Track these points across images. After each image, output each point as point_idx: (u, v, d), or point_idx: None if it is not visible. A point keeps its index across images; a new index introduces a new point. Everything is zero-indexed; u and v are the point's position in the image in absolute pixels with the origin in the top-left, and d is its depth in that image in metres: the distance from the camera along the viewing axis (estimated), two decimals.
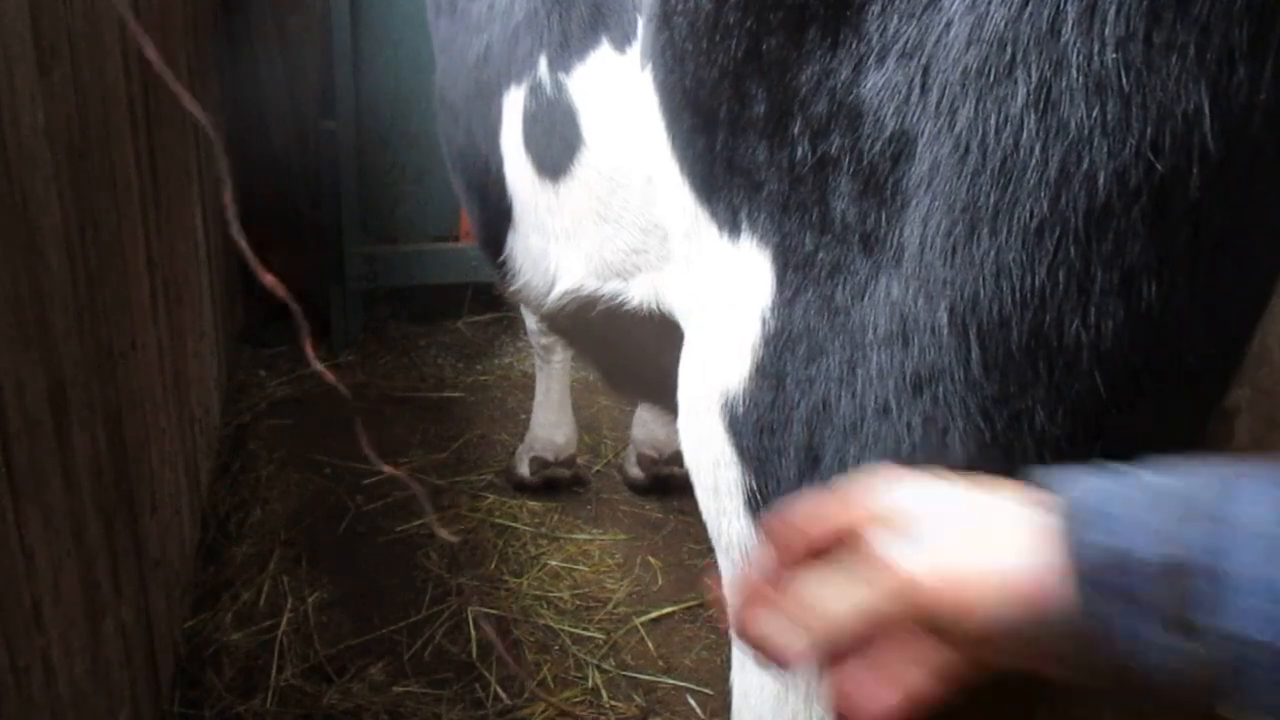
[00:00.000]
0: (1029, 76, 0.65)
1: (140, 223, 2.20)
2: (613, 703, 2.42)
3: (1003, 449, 0.71)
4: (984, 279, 0.69)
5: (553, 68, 1.48)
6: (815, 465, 0.87)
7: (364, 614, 2.63)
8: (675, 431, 1.17)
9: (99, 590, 1.75)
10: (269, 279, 1.28)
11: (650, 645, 2.62)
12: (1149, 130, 0.61)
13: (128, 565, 1.94)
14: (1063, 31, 0.63)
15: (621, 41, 1.34)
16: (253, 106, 4.11)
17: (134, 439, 2.02)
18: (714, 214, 0.98)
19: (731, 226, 0.95)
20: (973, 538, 0.65)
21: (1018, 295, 0.67)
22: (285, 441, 3.34)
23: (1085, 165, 0.64)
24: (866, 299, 0.79)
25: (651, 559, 2.94)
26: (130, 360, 2.02)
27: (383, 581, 2.77)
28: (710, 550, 1.10)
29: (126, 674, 1.90)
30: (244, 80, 4.08)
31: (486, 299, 4.22)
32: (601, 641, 2.61)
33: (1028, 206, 0.66)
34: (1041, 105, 0.64)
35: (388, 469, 1.55)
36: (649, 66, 1.06)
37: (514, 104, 1.61)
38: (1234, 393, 0.76)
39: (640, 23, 1.16)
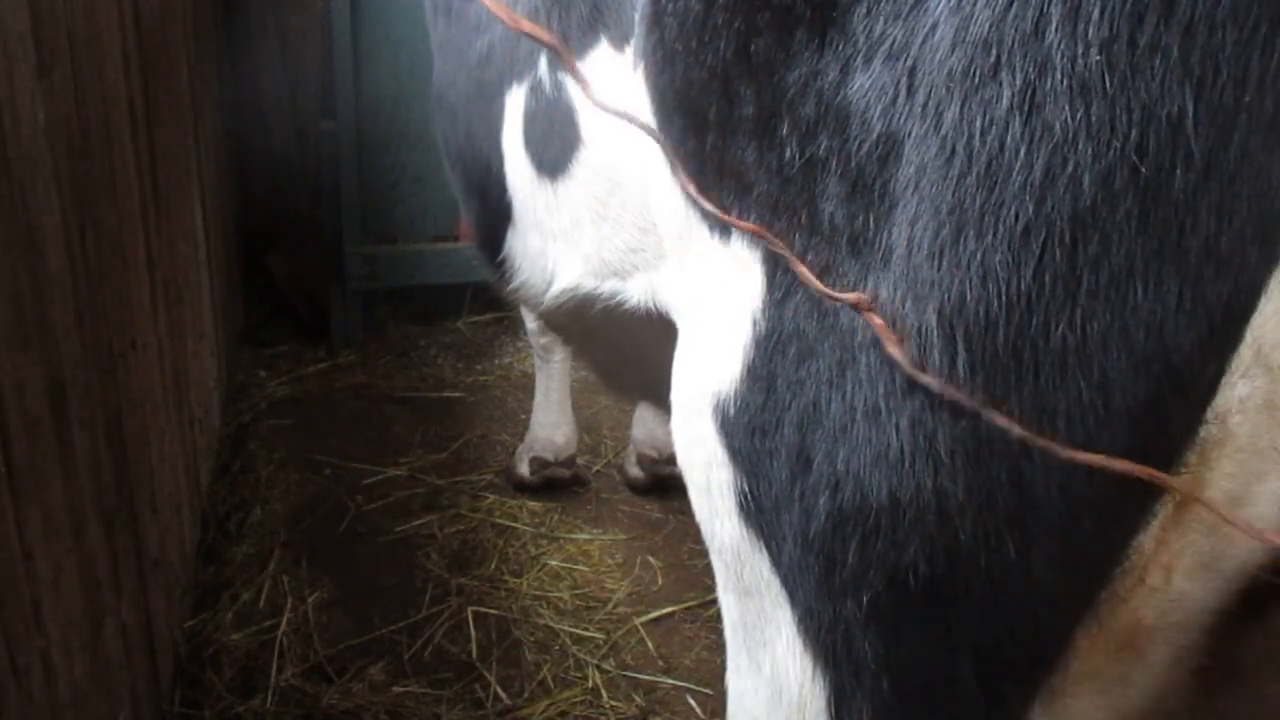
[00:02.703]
0: (1014, 79, 0.65)
1: (140, 223, 2.20)
2: (613, 703, 2.42)
3: (984, 450, 0.71)
4: (970, 281, 0.69)
5: (553, 67, 1.49)
6: (806, 468, 0.87)
7: (364, 614, 2.64)
8: None
9: (99, 590, 1.75)
10: None
11: (650, 645, 2.62)
12: (1133, 132, 0.62)
13: (128, 565, 1.94)
14: (1047, 33, 0.63)
15: (620, 40, 1.34)
16: (253, 106, 4.12)
17: (134, 439, 2.02)
18: (705, 215, 0.98)
19: (722, 228, 0.95)
20: None
21: (1004, 297, 0.68)
22: (285, 441, 3.35)
23: (1070, 167, 0.64)
24: None
25: (651, 559, 2.95)
26: (130, 360, 2.03)
27: (383, 581, 2.77)
28: None
29: (126, 674, 1.90)
30: (244, 80, 4.09)
31: (486, 299, 4.22)
32: (601, 641, 2.61)
33: (1013, 208, 0.66)
34: (1026, 107, 0.65)
35: None
36: (641, 66, 1.06)
37: (515, 103, 1.62)
38: (1228, 394, 0.75)
39: (637, 21, 1.16)
